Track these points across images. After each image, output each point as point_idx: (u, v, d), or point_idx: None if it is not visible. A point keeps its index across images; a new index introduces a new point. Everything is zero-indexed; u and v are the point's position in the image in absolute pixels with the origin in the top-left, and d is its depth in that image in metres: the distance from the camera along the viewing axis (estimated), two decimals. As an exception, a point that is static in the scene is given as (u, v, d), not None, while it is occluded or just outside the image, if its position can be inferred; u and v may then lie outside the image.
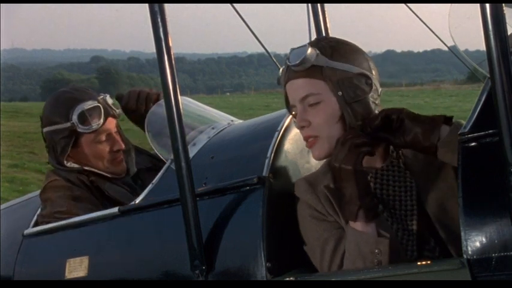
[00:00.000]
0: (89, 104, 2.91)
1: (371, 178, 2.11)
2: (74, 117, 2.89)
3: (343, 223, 2.08)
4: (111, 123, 2.98)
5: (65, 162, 2.95)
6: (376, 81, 2.13)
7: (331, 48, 2.12)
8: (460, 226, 1.80)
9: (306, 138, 2.13)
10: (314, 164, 2.39)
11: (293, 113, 2.16)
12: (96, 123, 2.91)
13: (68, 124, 2.91)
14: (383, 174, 2.11)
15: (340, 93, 2.08)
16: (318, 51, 2.09)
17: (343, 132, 2.07)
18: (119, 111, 3.02)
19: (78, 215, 2.73)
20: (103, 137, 2.95)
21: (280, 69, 2.21)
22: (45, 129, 2.99)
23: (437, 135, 1.96)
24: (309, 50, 2.08)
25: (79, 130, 2.91)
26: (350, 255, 2.00)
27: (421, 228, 2.06)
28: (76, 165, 2.95)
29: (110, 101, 2.98)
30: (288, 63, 2.12)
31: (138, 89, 3.09)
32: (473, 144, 1.87)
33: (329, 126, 2.09)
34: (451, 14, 2.18)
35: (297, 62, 2.08)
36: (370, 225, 1.98)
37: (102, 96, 2.96)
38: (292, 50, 2.13)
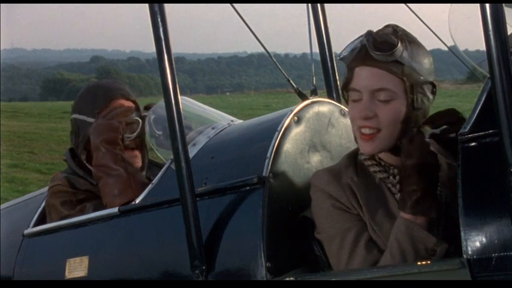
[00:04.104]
0: (131, 117, 2.88)
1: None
2: None
3: (366, 218, 2.08)
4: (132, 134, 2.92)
5: (81, 152, 2.93)
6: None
7: (412, 46, 2.07)
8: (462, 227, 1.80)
9: (364, 129, 2.07)
10: (314, 164, 2.39)
11: (353, 98, 2.09)
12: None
13: (93, 120, 2.89)
14: None
15: (411, 96, 2.06)
16: (403, 47, 2.05)
17: (401, 134, 2.05)
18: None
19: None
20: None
21: (352, 47, 2.08)
22: (73, 115, 2.98)
23: None
24: (399, 44, 2.03)
25: None
26: (400, 244, 1.97)
27: (443, 236, 2.05)
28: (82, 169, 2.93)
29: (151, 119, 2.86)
30: (372, 49, 2.03)
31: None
32: (473, 144, 1.87)
33: (393, 125, 2.06)
34: (451, 14, 2.18)
35: (386, 53, 2.02)
36: (425, 220, 1.98)
37: (147, 114, 2.84)
38: (376, 35, 2.05)
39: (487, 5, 1.68)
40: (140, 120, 2.90)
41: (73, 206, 2.82)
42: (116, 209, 2.55)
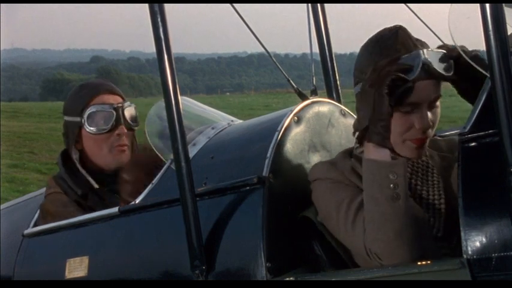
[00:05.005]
0: (102, 108, 2.93)
1: None
2: (85, 116, 2.92)
3: None
4: (120, 131, 2.94)
5: (73, 152, 2.96)
6: None
7: None
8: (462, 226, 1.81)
9: (425, 138, 2.09)
10: (314, 164, 2.39)
11: (405, 110, 2.05)
12: (101, 127, 2.92)
13: (78, 119, 2.94)
14: (413, 166, 2.14)
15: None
16: None
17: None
18: (134, 124, 2.99)
19: None
20: (104, 141, 2.93)
21: (418, 63, 2.02)
22: (64, 118, 3.05)
23: None
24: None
25: (85, 128, 2.93)
26: (367, 187, 2.00)
27: (447, 219, 2.08)
28: (79, 167, 2.94)
29: (130, 111, 2.97)
30: (443, 71, 2.04)
31: None
32: (473, 144, 1.87)
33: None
34: (451, 13, 2.17)
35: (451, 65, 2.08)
36: (383, 152, 2.00)
37: (121, 105, 2.95)
38: (436, 53, 2.06)
39: (487, 5, 1.68)
40: (114, 112, 2.92)
41: (65, 215, 2.83)
42: (116, 209, 2.55)
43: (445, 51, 2.09)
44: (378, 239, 1.95)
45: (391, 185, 1.95)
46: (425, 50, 2.04)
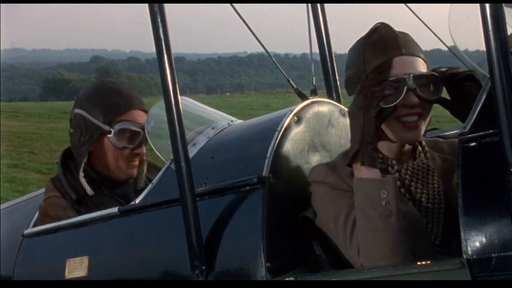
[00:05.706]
0: (134, 127, 2.92)
1: (403, 170, 2.15)
2: (116, 128, 2.90)
3: None
4: (141, 150, 2.97)
5: (83, 153, 2.92)
6: None
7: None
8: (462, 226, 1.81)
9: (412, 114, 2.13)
10: (314, 164, 2.39)
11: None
12: (127, 145, 2.93)
13: (107, 128, 2.91)
14: (414, 169, 2.16)
15: None
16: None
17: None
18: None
19: None
20: (123, 156, 2.94)
21: (402, 89, 2.08)
22: (79, 111, 2.96)
23: None
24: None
25: (110, 139, 2.92)
26: (359, 206, 2.01)
27: (446, 225, 2.09)
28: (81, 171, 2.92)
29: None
30: (428, 96, 2.11)
31: None
32: (473, 144, 1.87)
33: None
34: (451, 14, 2.18)
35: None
36: (373, 171, 2.02)
37: (147, 126, 2.89)
38: (422, 80, 2.12)
39: (487, 5, 1.68)
40: (142, 132, 2.92)
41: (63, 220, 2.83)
42: (115, 209, 2.56)
43: (434, 73, 2.12)
44: (370, 255, 1.98)
45: (383, 202, 1.97)
46: (411, 75, 2.08)
